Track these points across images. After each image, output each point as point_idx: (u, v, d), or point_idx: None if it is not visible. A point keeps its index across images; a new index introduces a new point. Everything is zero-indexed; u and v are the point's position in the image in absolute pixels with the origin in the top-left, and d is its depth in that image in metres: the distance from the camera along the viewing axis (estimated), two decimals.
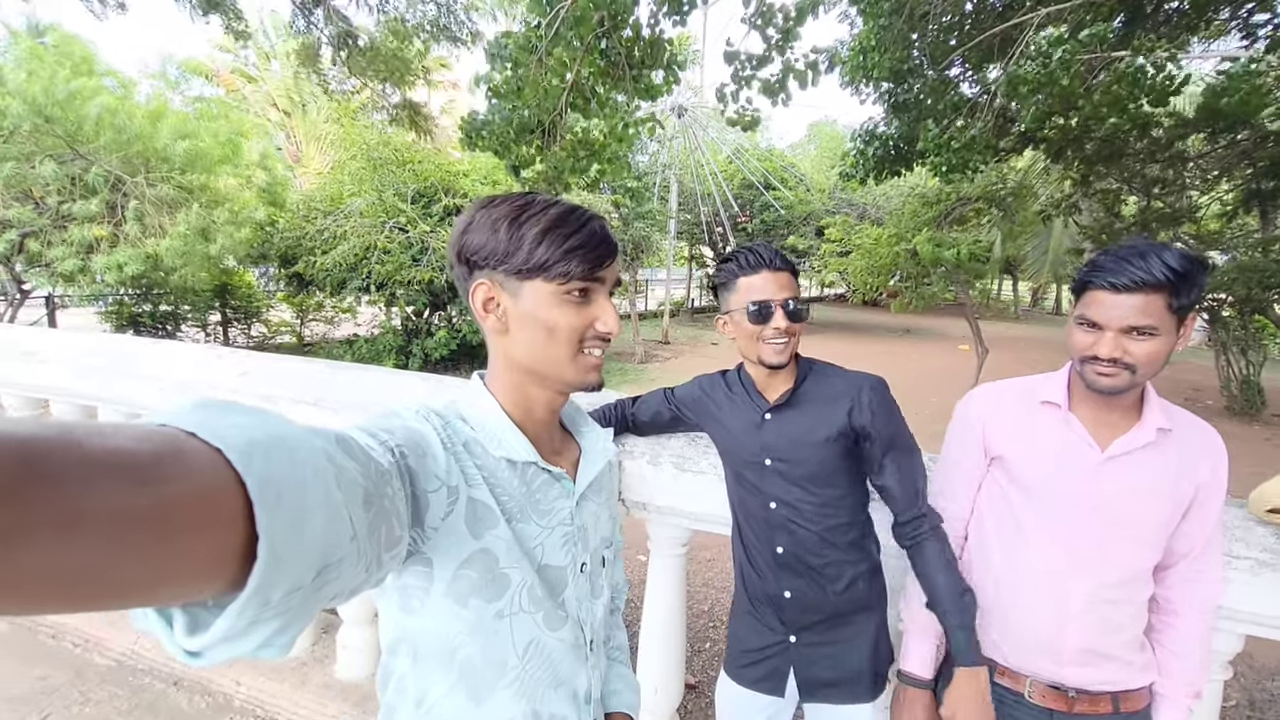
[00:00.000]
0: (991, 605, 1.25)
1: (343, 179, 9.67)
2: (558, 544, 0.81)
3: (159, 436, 0.35)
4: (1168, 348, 1.08)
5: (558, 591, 0.81)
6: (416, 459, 0.67)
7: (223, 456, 0.37)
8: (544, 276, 0.75)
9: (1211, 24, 7.87)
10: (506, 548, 0.75)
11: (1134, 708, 1.18)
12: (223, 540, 0.36)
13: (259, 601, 0.37)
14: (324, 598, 0.45)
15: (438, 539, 0.70)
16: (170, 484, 0.33)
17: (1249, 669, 3.22)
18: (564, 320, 0.77)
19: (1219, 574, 1.20)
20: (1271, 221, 11.61)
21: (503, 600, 0.75)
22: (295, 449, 0.42)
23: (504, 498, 0.76)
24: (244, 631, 0.38)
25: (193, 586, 0.35)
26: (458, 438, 0.75)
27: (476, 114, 4.83)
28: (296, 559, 0.39)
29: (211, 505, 0.35)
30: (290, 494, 0.39)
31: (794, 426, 1.31)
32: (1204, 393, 10.63)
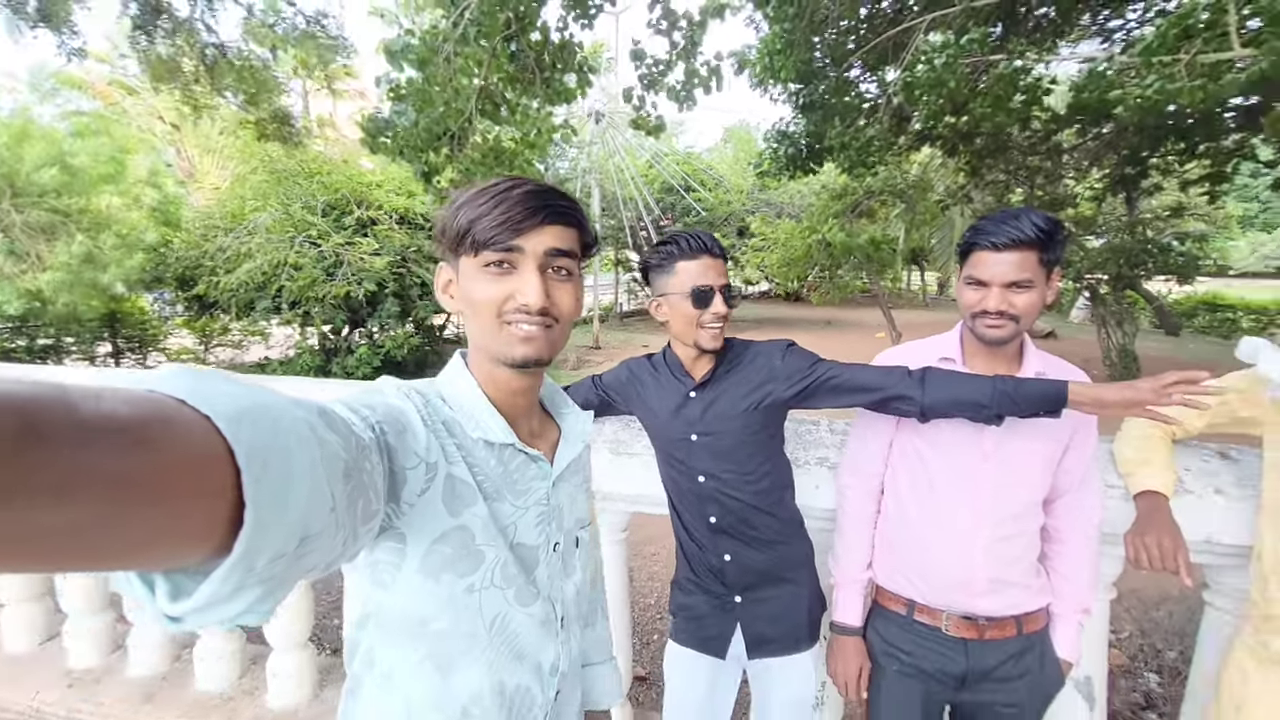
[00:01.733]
0: (908, 550, 1.34)
1: (244, 193, 9.11)
2: (531, 523, 0.82)
3: (150, 402, 0.35)
4: (1041, 299, 1.22)
5: (530, 569, 0.82)
6: (396, 435, 0.67)
7: (211, 424, 0.37)
8: (464, 250, 0.76)
9: (1075, 29, 8.69)
10: (483, 525, 0.75)
11: (1034, 628, 1.30)
12: (211, 505, 0.36)
13: (244, 567, 0.38)
14: (304, 568, 0.45)
15: (413, 515, 0.70)
16: (162, 448, 0.33)
17: (1138, 602, 3.58)
18: (480, 293, 0.75)
19: (1098, 502, 1.34)
20: (1135, 205, 12.95)
21: (475, 575, 0.75)
22: (280, 418, 0.43)
23: (481, 477, 0.76)
24: (228, 597, 0.39)
25: (180, 551, 0.36)
26: (437, 416, 0.75)
27: (379, 114, 4.63)
28: (281, 527, 0.40)
29: (201, 471, 0.36)
30: (276, 463, 0.40)
31: (719, 401, 1.37)
32: (1090, 364, 11.66)
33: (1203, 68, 4.67)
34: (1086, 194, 12.47)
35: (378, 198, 9.41)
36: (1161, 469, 1.31)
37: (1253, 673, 1.18)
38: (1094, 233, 11.80)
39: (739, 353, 1.41)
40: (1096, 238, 11.61)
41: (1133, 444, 1.38)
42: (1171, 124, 8.56)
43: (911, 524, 1.34)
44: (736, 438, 1.36)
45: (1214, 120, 8.83)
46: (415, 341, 10.05)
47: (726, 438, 1.36)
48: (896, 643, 1.35)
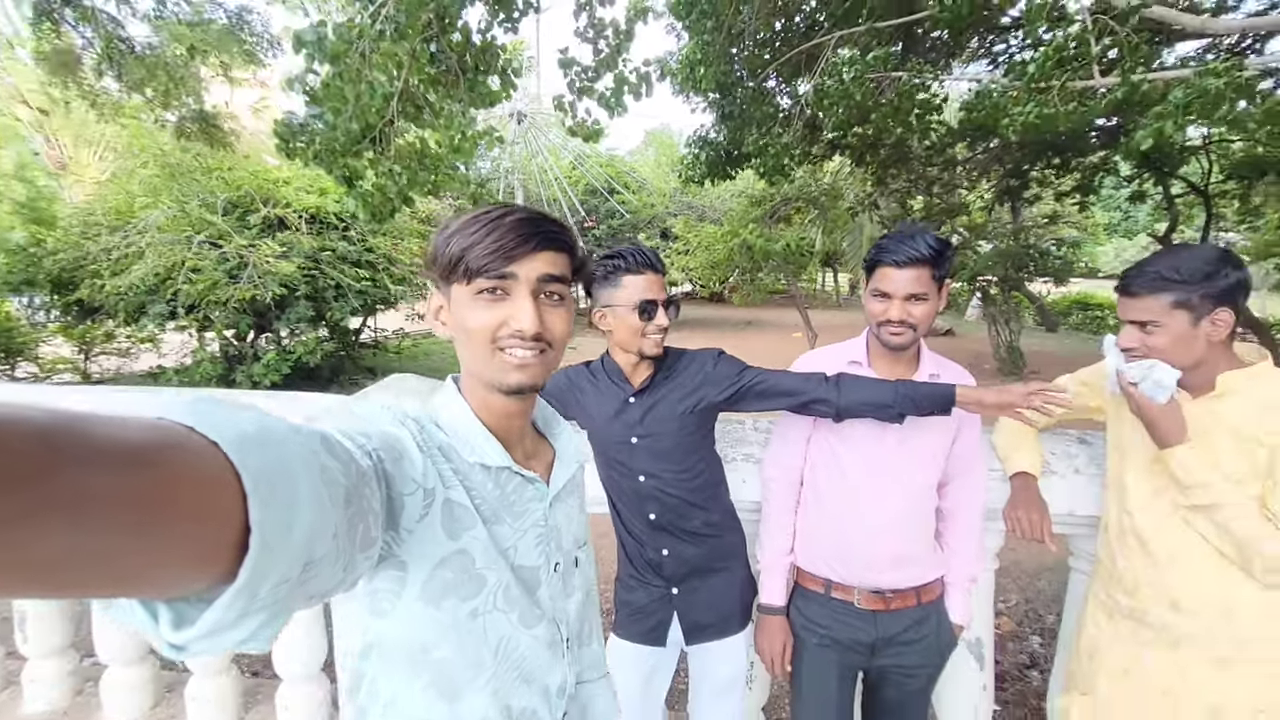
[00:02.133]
0: (825, 535, 1.49)
1: (131, 189, 8.35)
2: (531, 545, 0.82)
3: (160, 429, 0.36)
4: (934, 308, 1.39)
5: (532, 590, 0.82)
6: (393, 462, 0.67)
7: (219, 449, 0.38)
8: (456, 278, 0.76)
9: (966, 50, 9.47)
10: (483, 548, 0.76)
11: (931, 598, 1.48)
12: (219, 530, 0.37)
13: (249, 593, 0.39)
14: (306, 594, 0.46)
15: (412, 541, 0.70)
16: (173, 472, 0.34)
17: (1022, 573, 3.99)
18: (474, 320, 0.76)
19: (983, 484, 1.53)
20: (1019, 213, 14.24)
21: (478, 599, 0.75)
22: (285, 444, 0.44)
23: (479, 500, 0.77)
24: (232, 624, 0.39)
25: (187, 575, 0.36)
26: (433, 441, 0.75)
27: (293, 117, 4.38)
28: (285, 552, 0.41)
29: (210, 495, 0.37)
30: (281, 488, 0.41)
31: (658, 406, 1.47)
32: (982, 358, 12.72)
33: (1073, 93, 5.24)
34: (978, 203, 13.58)
35: (286, 195, 8.89)
36: (1030, 453, 1.52)
37: (1104, 623, 1.39)
38: (985, 238, 12.87)
39: (675, 360, 1.52)
40: (987, 243, 12.66)
41: (1006, 432, 1.59)
42: (1048, 141, 9.47)
43: (827, 511, 1.48)
44: (674, 439, 1.46)
45: (1082, 139, 9.88)
46: (330, 347, 9.57)
47: (665, 439, 1.46)
48: (815, 619, 1.49)
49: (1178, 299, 1.19)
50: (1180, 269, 1.19)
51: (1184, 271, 1.19)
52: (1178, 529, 1.26)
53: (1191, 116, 4.57)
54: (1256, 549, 1.16)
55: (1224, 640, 1.23)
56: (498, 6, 4.90)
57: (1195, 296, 1.18)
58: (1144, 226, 22.86)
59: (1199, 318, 1.20)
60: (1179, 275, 1.19)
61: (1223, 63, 4.41)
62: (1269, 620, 1.21)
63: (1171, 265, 1.20)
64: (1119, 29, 5.14)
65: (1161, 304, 1.20)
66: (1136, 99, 4.82)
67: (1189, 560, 1.26)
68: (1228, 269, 1.18)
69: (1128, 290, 1.25)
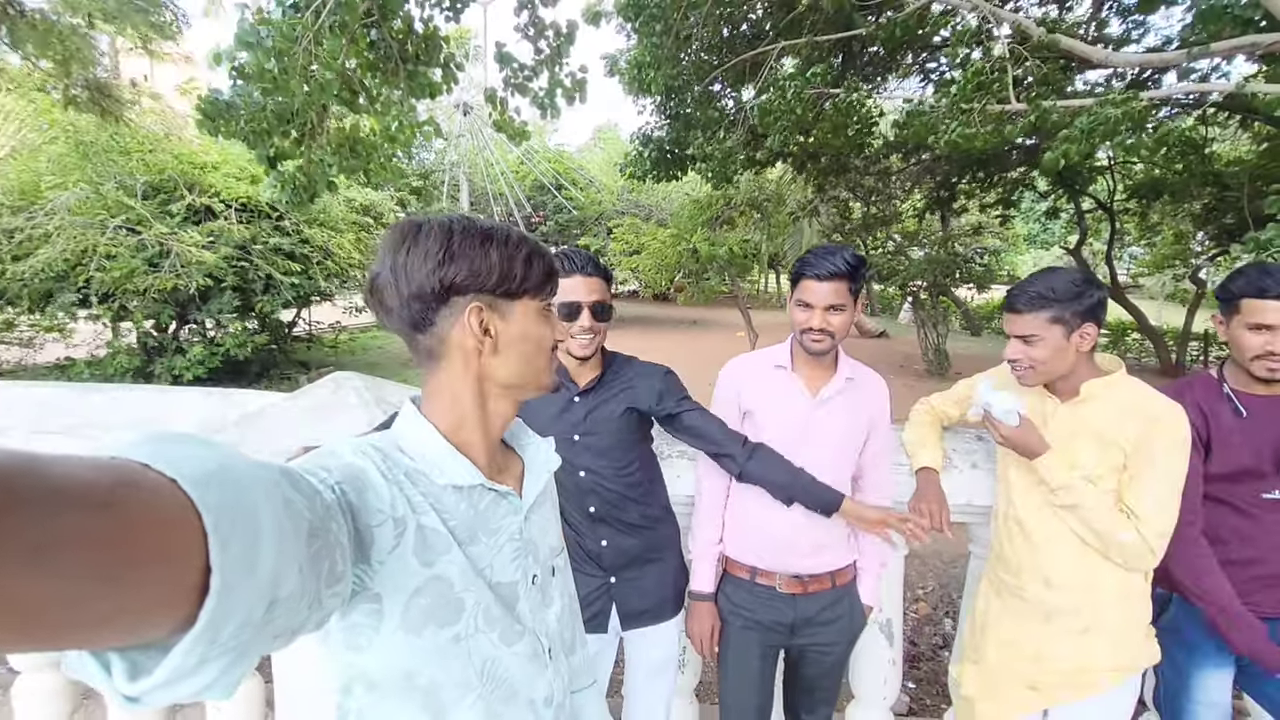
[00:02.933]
0: (751, 526, 1.60)
1: (38, 167, 7.75)
2: (507, 560, 0.82)
3: (115, 467, 0.35)
4: (851, 318, 1.53)
5: (512, 606, 0.81)
6: (357, 494, 0.66)
7: (178, 487, 0.37)
8: (532, 294, 0.81)
9: (901, 66, 9.95)
10: (460, 572, 0.74)
11: (844, 581, 1.62)
12: (179, 571, 0.35)
13: (209, 637, 0.37)
14: (270, 635, 0.45)
15: (385, 573, 0.68)
16: (130, 513, 0.33)
17: (940, 562, 4.29)
18: (548, 334, 0.84)
19: (891, 479, 1.69)
20: (948, 223, 15.08)
21: (459, 624, 0.75)
22: (246, 479, 0.42)
23: (452, 523, 0.75)
24: (192, 670, 0.38)
25: (148, 621, 0.35)
26: (398, 468, 0.73)
27: (219, 94, 4.20)
28: (248, 592, 0.39)
29: (169, 534, 0.35)
30: (243, 525, 0.39)
31: (601, 407, 1.56)
32: (913, 360, 13.39)
33: (991, 116, 5.64)
34: (910, 212, 14.29)
35: (213, 181, 8.43)
36: (933, 449, 1.68)
37: (993, 600, 1.56)
38: (916, 246, 13.56)
39: (622, 366, 1.62)
40: (919, 250, 13.34)
41: (913, 430, 1.75)
42: (974, 156, 10.07)
43: (753, 504, 1.59)
44: (614, 438, 1.55)
45: (1004, 156, 10.57)
46: (260, 340, 9.16)
47: (606, 438, 1.55)
48: (741, 603, 1.60)
49: (1054, 315, 1.37)
50: (1055, 289, 1.36)
51: (1058, 291, 1.36)
52: (1050, 518, 1.45)
53: (1094, 141, 4.99)
54: (1114, 539, 1.35)
55: (1087, 612, 1.42)
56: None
57: (1067, 313, 1.36)
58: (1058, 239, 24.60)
59: (1070, 331, 1.38)
60: (1054, 294, 1.36)
61: (1121, 94, 4.85)
62: (1123, 596, 1.41)
63: (1048, 285, 1.37)
64: (1031, 58, 5.57)
65: (1041, 320, 1.37)
66: (1047, 124, 5.23)
67: (1059, 544, 1.44)
68: (1092, 289, 1.37)
69: (1013, 308, 1.42)
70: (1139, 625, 1.45)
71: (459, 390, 0.80)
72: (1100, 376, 1.42)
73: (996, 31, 5.89)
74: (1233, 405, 1.51)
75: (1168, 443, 1.34)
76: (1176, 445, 1.35)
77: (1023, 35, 5.68)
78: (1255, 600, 1.47)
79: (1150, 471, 1.34)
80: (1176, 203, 11.26)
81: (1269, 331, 1.43)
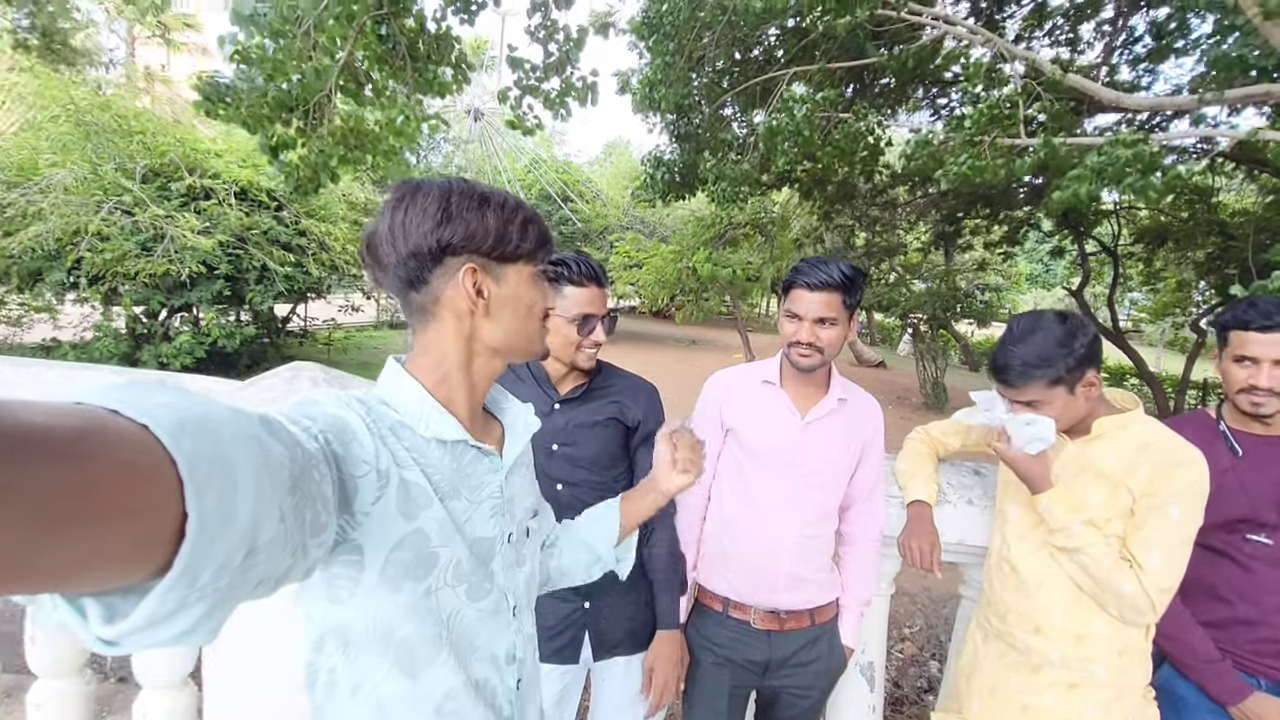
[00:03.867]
0: (727, 552, 1.47)
1: (38, 144, 7.68)
2: (486, 516, 0.83)
3: (81, 414, 0.33)
4: (843, 335, 1.41)
5: (487, 561, 0.82)
6: (342, 444, 0.67)
7: (150, 434, 0.36)
8: (527, 259, 0.81)
9: (911, 100, 9.99)
10: (439, 526, 0.75)
11: (825, 619, 1.49)
12: (153, 520, 0.35)
13: (186, 582, 0.37)
14: (251, 581, 0.44)
15: (369, 524, 0.69)
16: (98, 461, 0.32)
17: (929, 600, 4.13)
18: (541, 298, 0.85)
19: (882, 510, 1.56)
20: (951, 258, 15.08)
21: (430, 577, 0.75)
22: (223, 427, 0.42)
23: (436, 477, 0.76)
24: (169, 616, 0.37)
25: (120, 569, 0.34)
26: (383, 422, 0.74)
27: (218, 76, 4.15)
28: (226, 539, 0.39)
29: (140, 483, 0.34)
30: (220, 472, 0.39)
31: (581, 415, 1.45)
32: (910, 392, 13.30)
33: (1002, 149, 5.60)
34: (915, 244, 14.30)
35: (216, 167, 8.35)
36: (926, 481, 1.56)
37: (980, 645, 1.44)
38: (919, 278, 13.54)
39: (608, 375, 1.52)
40: (921, 282, 13.32)
41: (906, 459, 1.63)
42: (980, 192, 10.07)
43: (730, 527, 1.47)
44: (595, 449, 1.44)
45: (1011, 193, 10.58)
46: (250, 332, 9.03)
47: (586, 448, 1.44)
48: (712, 637, 1.47)
49: (1050, 379, 1.26)
50: (1041, 355, 1.26)
51: (1045, 356, 1.25)
52: (1046, 561, 1.33)
53: (1104, 182, 4.94)
54: (1113, 589, 1.23)
55: (1077, 665, 1.30)
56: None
57: (1063, 371, 1.25)
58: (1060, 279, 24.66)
59: (1073, 386, 1.27)
60: (1041, 360, 1.26)
61: (1131, 135, 4.81)
62: (1118, 651, 1.29)
63: (1034, 354, 1.26)
64: (1045, 95, 5.54)
65: (1039, 388, 1.27)
66: (1056, 161, 5.18)
67: (1053, 590, 1.32)
68: (1079, 337, 1.26)
69: (1007, 384, 1.31)
70: (1135, 685, 1.32)
71: (447, 349, 0.81)
72: (1114, 415, 1.31)
73: (1009, 69, 5.88)
74: (1229, 444, 1.40)
75: (1182, 490, 1.23)
76: (1192, 494, 1.23)
77: (1035, 71, 5.67)
78: (1266, 664, 1.35)
79: (1160, 519, 1.23)
80: (1181, 250, 11.27)
81: (1252, 365, 1.34)
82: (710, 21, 6.95)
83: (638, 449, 1.48)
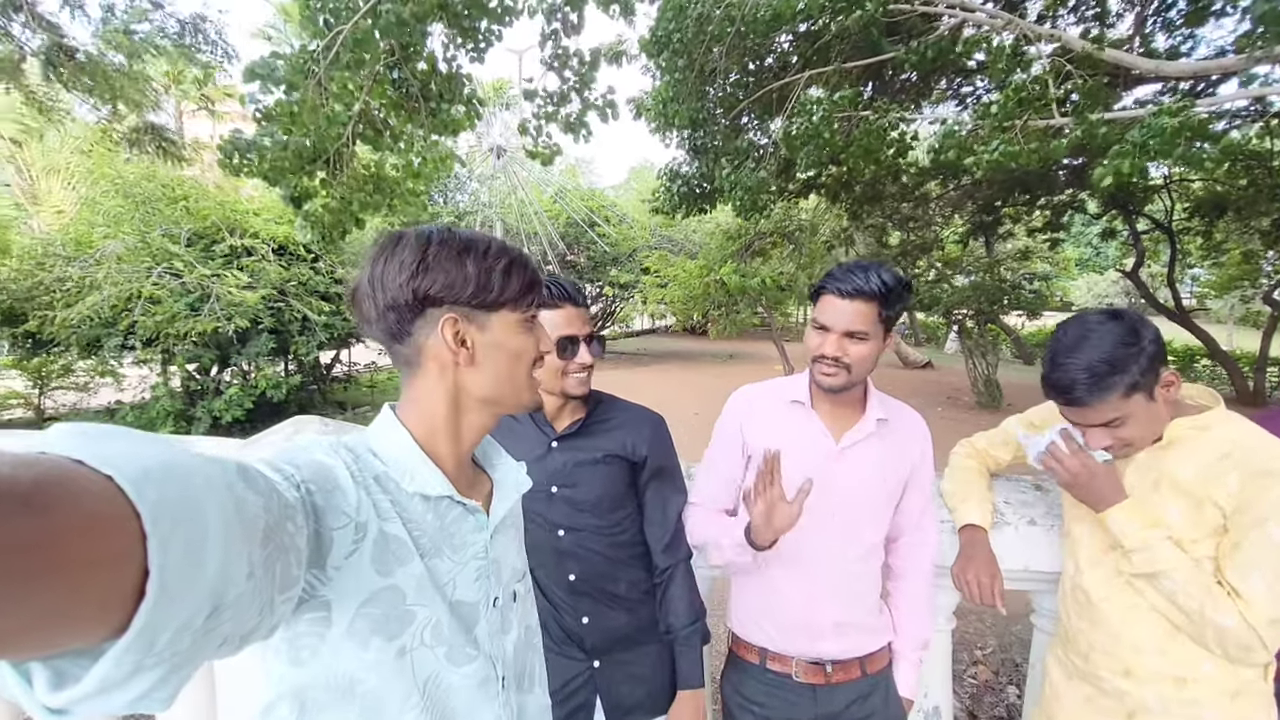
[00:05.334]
0: (758, 594, 1.34)
1: (94, 218, 8.14)
2: (470, 578, 0.80)
3: (40, 462, 0.32)
4: (876, 351, 1.26)
5: (470, 627, 0.79)
6: (324, 495, 0.64)
7: (114, 484, 0.34)
8: (511, 306, 0.79)
9: (935, 92, 9.72)
10: (417, 584, 0.72)
11: (877, 668, 1.32)
12: (114, 575, 0.33)
13: (144, 644, 0.35)
14: (213, 642, 0.42)
15: (339, 579, 0.66)
16: (57, 513, 0.31)
17: (999, 618, 3.84)
18: (527, 346, 0.81)
19: (935, 539, 1.40)
20: (993, 248, 14.52)
21: (404, 636, 0.71)
22: (191, 476, 0.40)
23: (417, 533, 0.74)
24: (123, 681, 0.35)
25: (77, 629, 0.33)
26: (368, 471, 0.72)
27: (240, 134, 4.32)
28: (189, 596, 0.37)
29: (102, 536, 0.33)
30: (186, 525, 0.37)
31: (580, 453, 1.33)
32: (961, 392, 12.75)
33: (1034, 132, 5.33)
34: (952, 238, 13.83)
35: (253, 225, 8.72)
36: (979, 502, 1.39)
37: (1061, 684, 1.26)
38: (960, 273, 13.05)
39: (609, 408, 1.40)
40: (963, 277, 12.83)
41: (953, 479, 1.46)
42: (1017, 178, 9.69)
43: (765, 567, 1.33)
44: (599, 490, 1.33)
45: (1050, 177, 10.12)
46: (296, 381, 9.31)
47: (589, 490, 1.32)
48: (750, 694, 1.32)
49: (1126, 387, 1.08)
50: (1107, 359, 1.08)
51: (1112, 360, 1.08)
52: (1126, 589, 1.15)
53: (1149, 154, 4.64)
54: (1211, 623, 1.05)
55: (1179, 711, 1.11)
56: (461, 36, 4.91)
57: (1138, 375, 1.08)
58: (1113, 261, 23.47)
59: (1152, 390, 1.10)
60: (1112, 366, 1.08)
61: (1176, 103, 4.51)
62: (1231, 694, 1.09)
63: (1099, 359, 1.08)
64: (1076, 72, 5.27)
65: (1115, 400, 1.09)
66: (1095, 139, 4.90)
67: (1141, 625, 1.14)
68: (1144, 332, 1.09)
69: (1077, 403, 1.12)
70: None
71: (433, 400, 0.79)
72: (1189, 415, 1.13)
73: (1035, 49, 5.63)
74: None
75: None
76: None
77: (1064, 50, 5.41)
78: None
79: (1259, 539, 1.03)
80: (1243, 220, 10.56)
81: None
82: (719, 34, 6.91)
83: (646, 487, 1.37)
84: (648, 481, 1.36)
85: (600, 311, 19.76)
